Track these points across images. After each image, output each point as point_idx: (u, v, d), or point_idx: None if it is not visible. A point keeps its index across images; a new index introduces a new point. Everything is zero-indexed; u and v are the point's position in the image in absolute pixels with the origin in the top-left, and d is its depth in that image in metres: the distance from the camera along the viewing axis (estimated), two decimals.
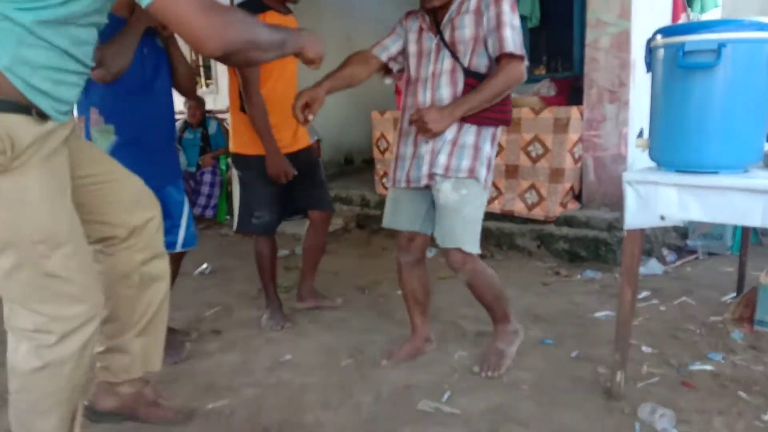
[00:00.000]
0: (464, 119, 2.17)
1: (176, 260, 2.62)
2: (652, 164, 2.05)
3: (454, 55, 2.18)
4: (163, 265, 1.94)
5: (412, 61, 2.31)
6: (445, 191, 2.20)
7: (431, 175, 2.22)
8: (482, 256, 4.09)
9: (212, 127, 5.84)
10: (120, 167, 1.82)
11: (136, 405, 1.99)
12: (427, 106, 2.21)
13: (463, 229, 2.22)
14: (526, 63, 2.14)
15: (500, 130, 2.32)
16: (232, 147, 2.91)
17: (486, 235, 4.32)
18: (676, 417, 1.97)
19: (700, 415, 2.01)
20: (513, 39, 2.09)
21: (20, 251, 1.38)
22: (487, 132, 2.23)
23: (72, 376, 1.50)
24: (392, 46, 2.37)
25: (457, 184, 2.19)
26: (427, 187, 2.29)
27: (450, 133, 2.19)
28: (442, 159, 2.19)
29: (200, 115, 5.76)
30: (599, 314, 3.02)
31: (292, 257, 4.43)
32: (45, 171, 1.42)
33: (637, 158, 3.72)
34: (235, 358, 2.60)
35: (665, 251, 4.06)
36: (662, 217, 1.92)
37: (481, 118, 2.18)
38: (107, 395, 1.96)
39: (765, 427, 1.93)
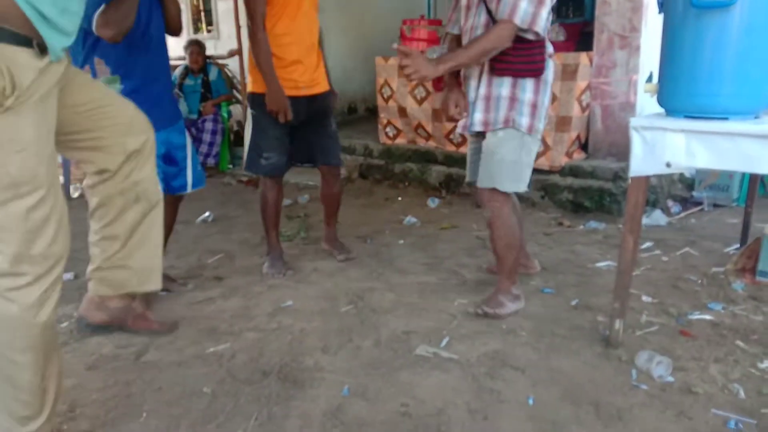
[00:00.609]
0: (495, 72, 2.26)
1: (175, 203, 2.65)
2: (661, 111, 2.00)
3: (488, 11, 2.22)
4: (157, 188, 2.06)
5: (462, 14, 2.39)
6: (486, 140, 2.35)
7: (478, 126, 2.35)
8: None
9: (213, 74, 5.74)
10: (112, 92, 1.90)
11: (125, 317, 2.18)
12: None
13: (498, 169, 2.30)
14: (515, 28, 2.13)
15: (549, 78, 2.32)
16: (249, 86, 2.90)
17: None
18: (672, 364, 1.98)
19: (697, 363, 2.02)
20: (510, 6, 2.10)
21: (2, 191, 1.37)
22: (526, 82, 2.26)
23: (43, 319, 1.47)
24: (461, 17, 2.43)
25: (494, 133, 2.32)
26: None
27: (482, 88, 2.30)
28: (478, 116, 2.33)
29: (201, 61, 5.65)
30: (601, 264, 3.01)
31: (294, 206, 4.41)
32: (39, 113, 1.41)
33: (646, 107, 3.63)
34: (237, 303, 2.62)
35: (670, 202, 4.02)
36: (668, 165, 1.88)
37: (512, 70, 2.24)
38: (98, 309, 2.12)
39: (761, 375, 1.94)
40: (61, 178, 5.10)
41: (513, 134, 2.28)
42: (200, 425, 1.75)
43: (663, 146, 1.87)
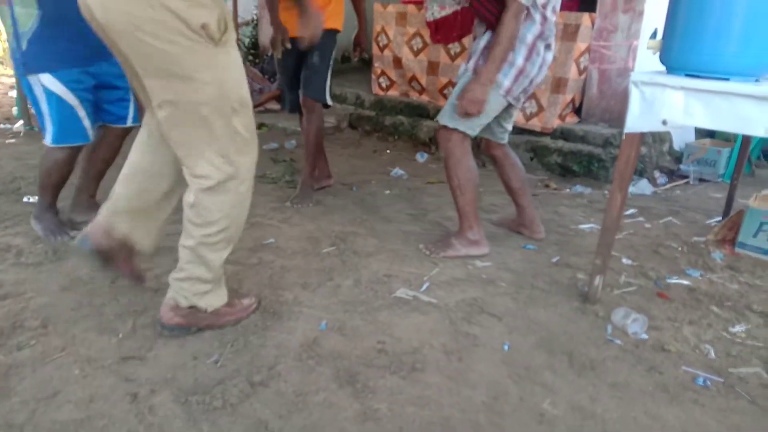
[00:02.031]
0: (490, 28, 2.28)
1: (122, 137, 2.61)
2: (661, 70, 1.97)
3: None
4: None
5: None
6: None
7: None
8: None
9: None
10: None
11: (118, 254, 1.90)
12: None
13: (448, 105, 2.37)
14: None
15: (540, 52, 2.30)
16: None
17: (477, 144, 4.26)
18: (647, 323, 2.00)
19: (671, 324, 2.05)
20: None
21: (221, 107, 1.59)
22: (521, 47, 2.25)
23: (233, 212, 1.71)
24: None
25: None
26: None
27: (483, 41, 2.32)
28: (471, 63, 2.36)
29: None
30: (584, 226, 3.02)
31: (281, 150, 4.35)
32: (235, 47, 1.66)
33: None
34: None
35: (657, 173, 4.03)
36: (664, 122, 1.86)
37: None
38: (104, 235, 1.83)
39: (732, 338, 1.97)
40: None
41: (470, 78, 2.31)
42: (176, 347, 1.74)
43: (661, 103, 1.85)
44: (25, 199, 2.93)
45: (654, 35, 2.04)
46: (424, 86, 4.69)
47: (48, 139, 2.38)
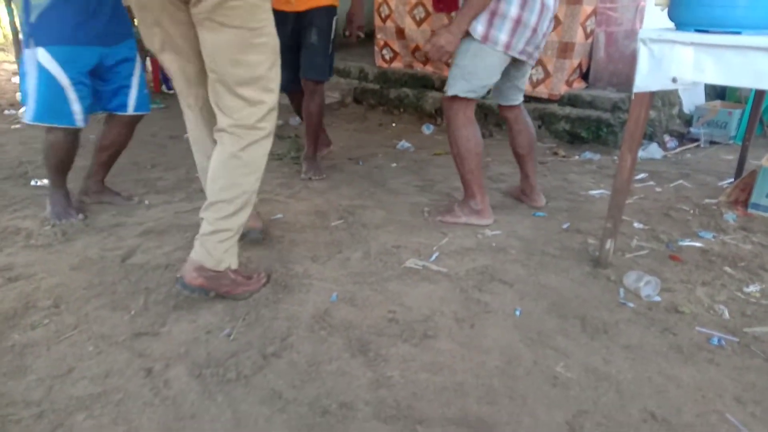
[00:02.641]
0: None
1: (130, 125, 2.58)
2: (670, 27, 1.92)
3: None
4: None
5: None
6: None
7: None
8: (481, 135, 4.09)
9: None
10: None
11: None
12: None
13: (450, 74, 2.32)
14: None
15: None
16: None
17: (485, 114, 4.21)
18: (660, 286, 1.98)
19: (684, 285, 2.03)
20: None
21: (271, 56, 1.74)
22: None
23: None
24: None
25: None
26: None
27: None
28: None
29: None
30: (594, 192, 2.99)
31: (285, 127, 4.32)
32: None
33: None
34: None
35: (667, 137, 3.97)
36: (674, 80, 1.81)
37: None
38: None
39: (746, 298, 1.95)
40: None
41: (467, 44, 2.23)
42: (187, 322, 1.74)
43: (670, 60, 1.80)
44: (32, 183, 2.93)
45: None
46: (428, 56, 4.62)
47: (28, 116, 2.31)
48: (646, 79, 1.87)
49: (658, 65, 1.83)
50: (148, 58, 5.67)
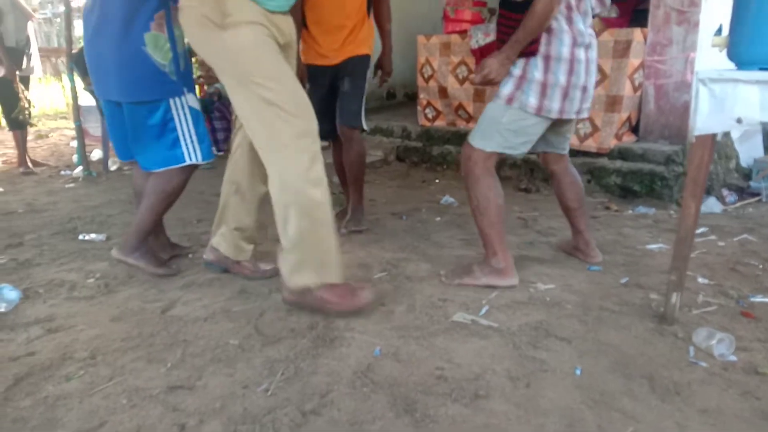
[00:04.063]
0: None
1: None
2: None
3: None
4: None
5: None
6: None
7: None
8: (527, 190, 3.99)
9: None
10: None
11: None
12: None
13: (479, 124, 2.26)
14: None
15: (563, 55, 2.15)
16: None
17: (531, 169, 4.13)
18: (735, 344, 1.80)
19: (762, 344, 1.84)
20: None
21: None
22: (537, 61, 2.14)
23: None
24: None
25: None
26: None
27: (517, 68, 2.19)
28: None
29: None
30: (652, 246, 2.83)
31: (330, 185, 4.31)
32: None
33: None
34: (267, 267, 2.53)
35: (725, 191, 3.78)
36: (739, 120, 1.71)
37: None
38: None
39: None
40: (100, 152, 5.16)
41: (515, 108, 2.18)
42: (224, 376, 1.66)
43: (734, 100, 1.70)
44: (80, 237, 2.98)
45: (719, 31, 1.91)
46: (471, 114, 4.62)
47: (199, 156, 2.37)
48: (707, 121, 1.77)
49: (721, 106, 1.73)
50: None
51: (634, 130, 3.88)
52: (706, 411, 1.50)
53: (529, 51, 2.14)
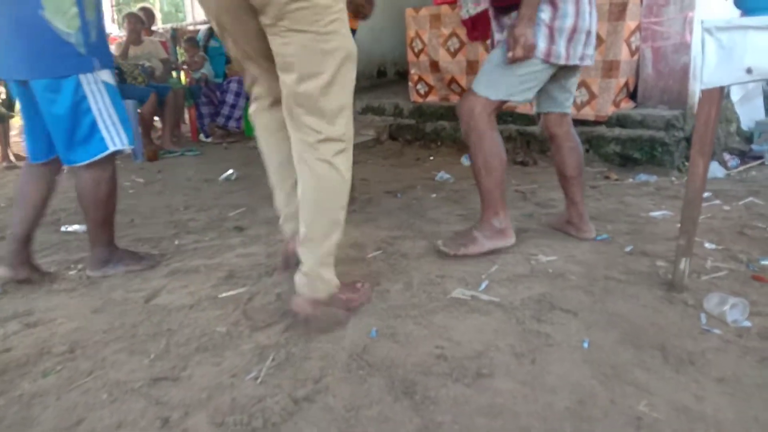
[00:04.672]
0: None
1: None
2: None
3: None
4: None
5: None
6: None
7: None
8: (523, 163, 3.89)
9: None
10: None
11: None
12: None
13: (483, 72, 2.13)
14: None
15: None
16: None
17: (529, 141, 4.03)
18: (749, 309, 1.71)
19: None
20: None
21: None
22: (543, 3, 2.03)
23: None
24: None
25: None
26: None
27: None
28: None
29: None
30: (655, 213, 2.73)
31: None
32: None
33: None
34: (257, 250, 2.44)
35: (727, 156, 3.69)
36: (749, 70, 1.60)
37: None
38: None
39: None
40: None
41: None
42: (211, 365, 1.56)
43: (743, 49, 1.59)
44: (62, 228, 2.87)
45: None
46: (464, 87, 4.49)
47: (124, 141, 2.06)
48: (714, 73, 1.66)
49: (729, 56, 1.62)
50: (186, 108, 5.74)
51: (632, 96, 3.77)
52: (723, 380, 1.41)
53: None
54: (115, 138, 2.05)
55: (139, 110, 4.79)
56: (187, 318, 1.84)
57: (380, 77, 6.67)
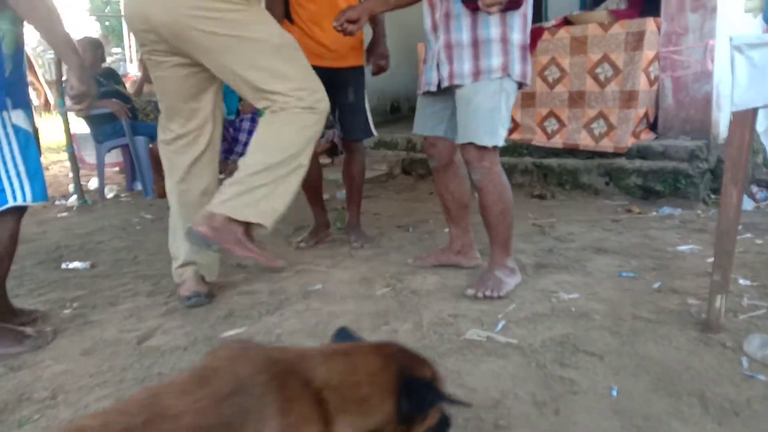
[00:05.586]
0: (469, 5, 1.92)
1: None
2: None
3: None
4: None
5: None
6: (461, 90, 2.02)
7: (452, 79, 2.03)
8: (541, 197, 3.75)
9: None
10: None
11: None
12: None
13: (477, 120, 1.99)
14: None
15: (529, 13, 2.02)
16: None
17: (546, 174, 3.90)
18: None
19: None
20: None
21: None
22: (514, 19, 1.96)
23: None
24: None
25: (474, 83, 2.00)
26: (450, 90, 2.09)
27: (464, 32, 1.97)
28: (467, 66, 1.98)
29: None
30: (682, 248, 2.57)
31: (332, 200, 4.12)
32: None
33: (725, 75, 3.18)
34: (260, 287, 2.31)
35: (755, 188, 3.52)
36: None
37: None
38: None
39: None
40: (96, 181, 5.00)
41: (502, 80, 1.98)
42: None
43: None
44: (63, 266, 2.78)
45: None
46: None
47: (27, 195, 1.80)
48: (746, 94, 1.54)
49: (762, 75, 1.50)
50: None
51: (653, 127, 3.64)
52: None
53: (513, 2, 1.90)
54: (17, 191, 1.79)
55: (150, 146, 4.76)
56: (180, 361, 1.71)
57: (393, 113, 6.63)
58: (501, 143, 2.03)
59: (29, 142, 1.83)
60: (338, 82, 2.70)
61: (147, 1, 1.85)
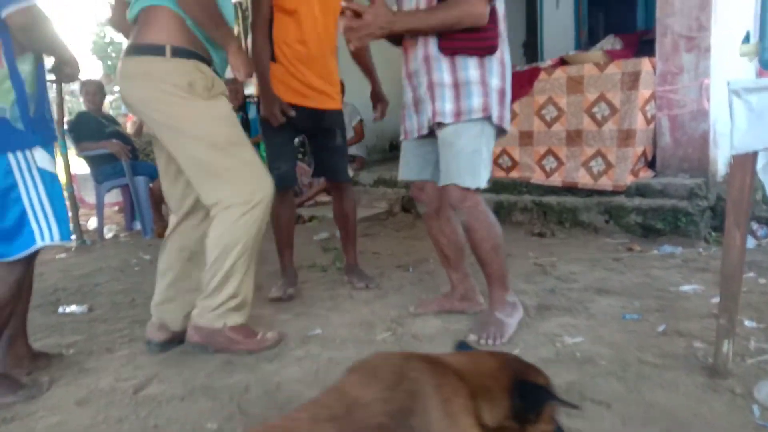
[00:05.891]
0: (455, 52, 1.95)
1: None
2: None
3: None
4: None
5: None
6: (442, 132, 2.02)
7: (437, 123, 2.02)
8: (541, 235, 3.74)
9: (252, 112, 5.61)
10: None
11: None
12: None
13: (458, 162, 2.00)
14: (488, 6, 1.92)
15: (508, 61, 2.07)
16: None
17: (545, 212, 3.90)
18: None
19: None
20: None
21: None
22: (492, 64, 1.99)
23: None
24: None
25: (455, 124, 2.00)
26: (433, 134, 2.10)
27: (445, 74, 1.98)
28: (449, 106, 1.98)
29: (241, 99, 5.54)
30: (686, 288, 2.55)
31: (331, 239, 4.10)
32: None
33: (722, 114, 3.21)
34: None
35: (755, 225, 3.51)
36: None
37: (470, 48, 1.95)
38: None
39: None
40: (95, 221, 4.99)
41: (483, 123, 2.00)
42: None
43: None
44: (60, 310, 2.74)
45: (747, 39, 1.70)
46: None
47: (55, 234, 1.81)
48: (746, 137, 1.54)
49: (760, 119, 1.51)
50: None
51: (651, 165, 3.66)
52: None
53: (486, 47, 1.94)
54: (45, 232, 1.81)
55: (150, 185, 4.77)
56: (176, 411, 1.67)
57: (392, 150, 6.67)
58: (483, 185, 2.03)
59: (54, 183, 1.86)
60: (324, 125, 2.73)
61: (121, 83, 1.99)
